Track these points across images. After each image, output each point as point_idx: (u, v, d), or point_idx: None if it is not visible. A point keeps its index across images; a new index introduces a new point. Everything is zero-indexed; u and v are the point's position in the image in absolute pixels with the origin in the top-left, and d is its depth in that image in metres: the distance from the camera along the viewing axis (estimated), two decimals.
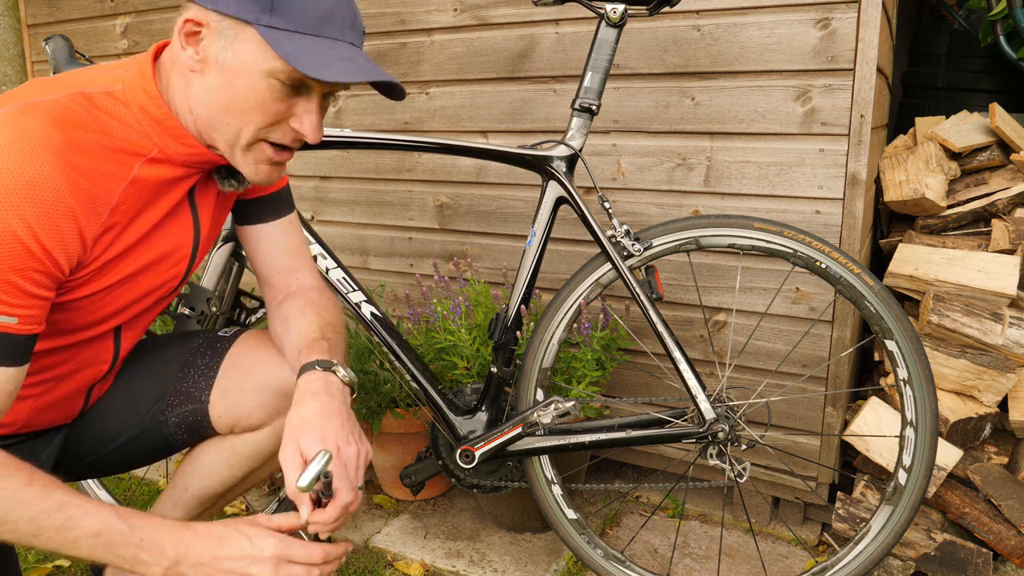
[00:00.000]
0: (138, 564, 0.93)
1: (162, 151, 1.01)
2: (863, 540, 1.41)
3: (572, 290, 1.47)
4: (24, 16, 2.82)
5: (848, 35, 1.54)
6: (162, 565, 0.93)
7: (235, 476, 1.30)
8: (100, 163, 0.95)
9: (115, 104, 0.98)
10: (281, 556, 0.97)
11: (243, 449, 1.29)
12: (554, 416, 1.45)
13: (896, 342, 1.34)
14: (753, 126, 1.67)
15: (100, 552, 0.91)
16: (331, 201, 2.27)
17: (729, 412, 1.39)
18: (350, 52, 0.96)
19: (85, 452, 1.24)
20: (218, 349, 1.28)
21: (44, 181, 0.88)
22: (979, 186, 1.81)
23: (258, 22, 0.91)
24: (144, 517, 0.95)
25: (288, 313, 1.23)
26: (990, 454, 1.63)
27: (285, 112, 0.97)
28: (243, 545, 0.96)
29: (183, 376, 1.26)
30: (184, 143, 1.01)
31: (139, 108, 0.99)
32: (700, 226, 1.40)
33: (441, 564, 1.75)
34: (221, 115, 0.97)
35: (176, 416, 1.25)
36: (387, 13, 2.04)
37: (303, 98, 0.98)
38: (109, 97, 0.98)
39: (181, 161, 1.03)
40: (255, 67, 0.93)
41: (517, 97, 1.91)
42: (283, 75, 0.93)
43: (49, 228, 0.89)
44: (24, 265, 0.88)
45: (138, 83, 0.99)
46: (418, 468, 1.62)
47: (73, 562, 1.76)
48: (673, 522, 1.92)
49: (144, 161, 1.00)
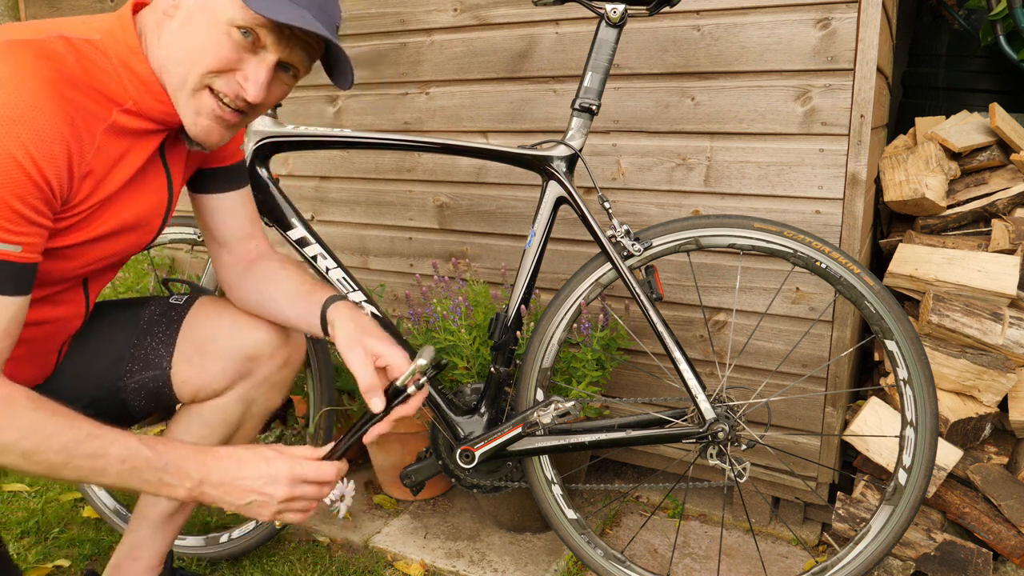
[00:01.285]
0: (163, 487, 0.99)
1: (136, 104, 1.03)
2: (863, 540, 1.41)
3: (572, 290, 1.48)
4: (24, 16, 2.82)
5: (848, 35, 1.54)
6: (186, 486, 0.99)
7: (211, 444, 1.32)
8: (85, 100, 0.97)
9: (95, 52, 1.00)
10: (296, 476, 1.05)
11: (211, 418, 1.32)
12: (554, 416, 1.45)
13: (896, 342, 1.34)
14: (753, 126, 1.67)
15: (127, 477, 0.96)
16: (331, 201, 2.27)
17: (729, 412, 1.39)
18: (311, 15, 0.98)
19: None
20: (173, 317, 1.31)
21: (39, 108, 0.90)
22: (979, 186, 1.81)
23: None
24: (168, 443, 1.00)
25: (270, 272, 1.28)
26: (990, 454, 1.63)
27: (235, 62, 1.00)
28: (261, 466, 1.03)
29: (140, 343, 1.28)
30: (159, 99, 1.03)
31: (120, 61, 1.01)
32: (700, 226, 1.40)
33: (441, 564, 1.75)
34: (177, 56, 0.99)
35: (135, 383, 1.27)
36: (387, 13, 2.04)
37: (256, 56, 1.01)
38: (89, 45, 1.00)
39: (153, 117, 1.05)
40: (219, 14, 0.96)
41: (517, 97, 1.91)
42: (242, 22, 0.96)
43: (46, 154, 0.91)
44: (24, 191, 0.90)
45: (119, 36, 1.02)
46: (418, 468, 1.62)
47: (73, 562, 1.76)
48: (673, 522, 1.92)
49: (120, 110, 1.02)
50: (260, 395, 1.34)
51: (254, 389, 1.33)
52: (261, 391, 1.34)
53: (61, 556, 1.78)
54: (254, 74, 1.00)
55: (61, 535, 1.86)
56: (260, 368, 1.31)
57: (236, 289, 1.32)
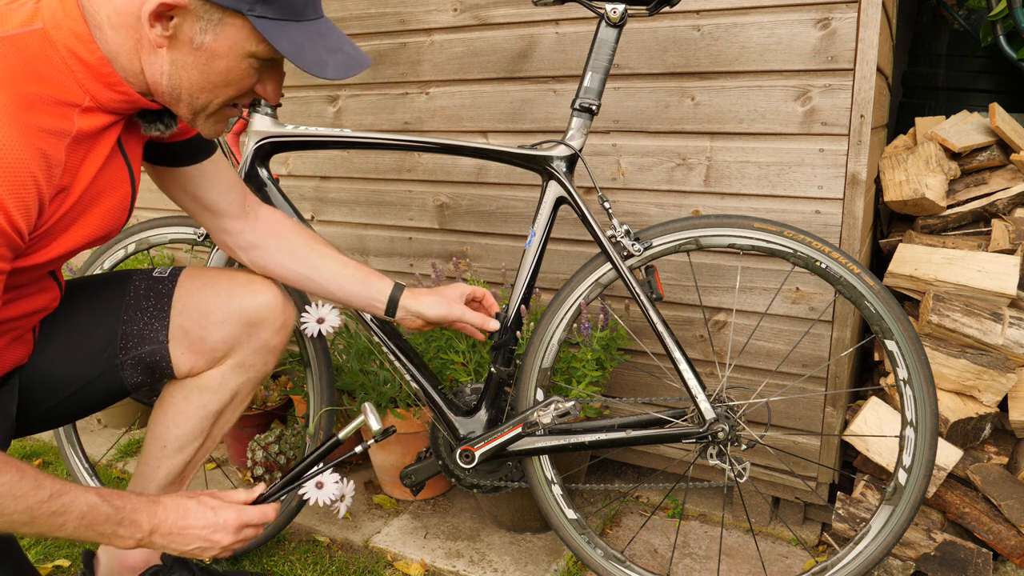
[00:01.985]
0: (116, 538, 1.04)
1: (93, 99, 0.98)
2: (863, 540, 1.41)
3: (572, 290, 1.48)
4: None
5: (848, 35, 1.54)
6: (136, 536, 1.06)
7: (208, 415, 1.36)
8: (47, 119, 0.91)
9: (42, 45, 0.92)
10: (242, 523, 1.13)
11: (208, 383, 1.34)
12: (554, 416, 1.45)
13: (896, 342, 1.34)
14: (753, 126, 1.67)
15: (83, 531, 1.00)
16: (331, 201, 2.27)
17: (729, 412, 1.39)
18: (335, 38, 1.02)
19: (40, 401, 1.25)
20: (161, 291, 1.31)
21: (7, 152, 0.85)
22: (979, 186, 1.81)
23: (251, 12, 0.93)
24: (123, 497, 1.05)
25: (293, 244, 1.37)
26: (990, 454, 1.63)
27: (255, 83, 1.03)
28: (208, 515, 1.11)
29: (131, 319, 1.28)
30: (117, 90, 0.99)
31: (68, 51, 0.94)
32: (700, 226, 1.40)
33: (441, 564, 1.75)
34: (194, 90, 0.99)
35: (131, 358, 1.27)
36: (387, 13, 2.04)
37: (272, 69, 1.04)
38: (32, 37, 0.92)
39: (112, 108, 1.00)
40: (237, 50, 0.96)
41: (517, 97, 1.91)
42: (264, 55, 0.98)
43: (17, 201, 0.86)
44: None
45: (64, 23, 0.94)
46: (418, 468, 1.62)
47: (73, 562, 1.76)
48: (673, 522, 1.92)
49: (79, 111, 0.96)
50: (257, 361, 1.37)
51: (253, 355, 1.35)
52: (259, 358, 1.36)
53: (61, 556, 1.78)
54: (272, 85, 1.05)
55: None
56: (261, 332, 1.34)
57: (261, 249, 1.37)
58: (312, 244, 1.40)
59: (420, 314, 1.38)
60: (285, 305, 1.37)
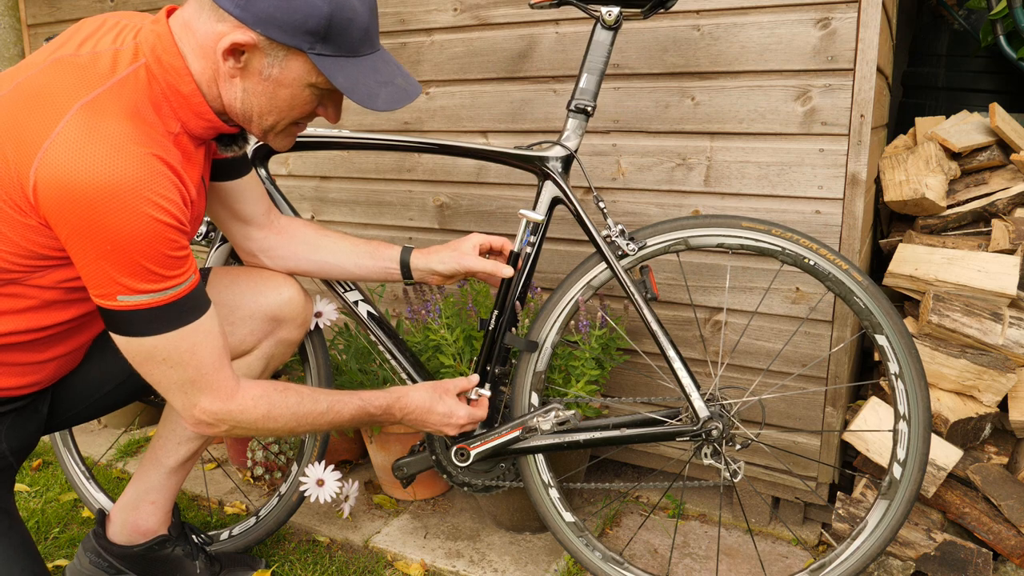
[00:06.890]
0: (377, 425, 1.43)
1: (184, 126, 1.10)
2: (860, 536, 1.40)
3: (566, 291, 1.48)
4: (24, 16, 2.82)
5: (848, 35, 1.54)
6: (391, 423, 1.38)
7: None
8: (163, 146, 1.04)
9: (149, 84, 1.05)
10: (469, 420, 1.43)
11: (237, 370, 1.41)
12: (553, 423, 1.47)
13: (886, 336, 1.34)
14: (753, 126, 1.67)
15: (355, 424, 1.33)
16: (331, 201, 2.27)
17: (723, 410, 1.39)
18: (387, 72, 1.11)
19: (72, 404, 1.36)
20: None
21: (145, 165, 0.98)
22: (979, 186, 1.81)
23: (311, 50, 1.03)
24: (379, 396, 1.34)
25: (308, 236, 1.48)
26: (990, 454, 1.63)
27: (316, 107, 1.14)
28: (448, 406, 1.40)
29: None
30: (206, 119, 1.11)
31: (167, 84, 1.06)
32: (689, 226, 1.40)
33: (441, 564, 1.75)
34: (263, 113, 1.11)
35: None
36: (387, 13, 2.04)
37: (332, 95, 1.14)
38: (138, 74, 1.04)
39: (197, 135, 1.13)
40: (300, 81, 1.07)
41: (517, 97, 1.91)
42: (323, 86, 1.09)
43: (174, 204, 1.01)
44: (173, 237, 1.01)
45: (164, 58, 1.05)
46: (410, 461, 1.61)
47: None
48: (673, 522, 1.91)
49: (172, 139, 1.08)
50: (278, 352, 1.48)
51: (275, 346, 1.47)
52: (280, 349, 1.48)
53: (61, 556, 1.78)
54: (332, 108, 1.15)
55: (61, 535, 1.86)
56: (284, 327, 1.46)
57: (280, 248, 1.47)
58: (323, 232, 1.50)
59: (433, 270, 1.46)
60: (306, 301, 1.49)
